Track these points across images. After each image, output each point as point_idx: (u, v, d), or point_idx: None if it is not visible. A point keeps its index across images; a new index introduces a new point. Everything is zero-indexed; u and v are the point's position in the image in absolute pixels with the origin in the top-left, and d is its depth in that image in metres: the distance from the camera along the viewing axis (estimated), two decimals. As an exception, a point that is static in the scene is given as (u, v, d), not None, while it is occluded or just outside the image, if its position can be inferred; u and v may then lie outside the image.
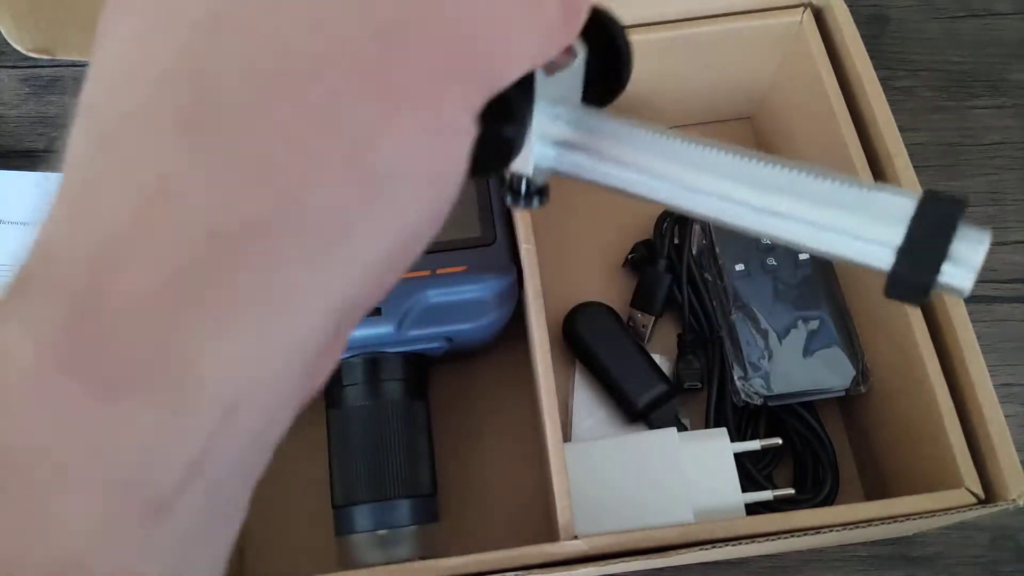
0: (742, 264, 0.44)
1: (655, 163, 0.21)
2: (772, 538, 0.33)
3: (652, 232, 0.48)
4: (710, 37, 0.45)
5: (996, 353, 0.48)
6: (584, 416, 0.45)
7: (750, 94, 0.51)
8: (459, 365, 0.46)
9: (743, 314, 0.43)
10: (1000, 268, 0.50)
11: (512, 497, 0.43)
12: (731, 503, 0.39)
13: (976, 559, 0.43)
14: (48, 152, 0.55)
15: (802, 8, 0.44)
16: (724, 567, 0.43)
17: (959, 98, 0.56)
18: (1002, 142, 0.54)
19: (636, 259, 0.48)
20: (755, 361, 0.42)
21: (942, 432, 0.35)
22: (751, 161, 0.20)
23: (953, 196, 0.18)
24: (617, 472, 0.39)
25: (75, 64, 0.57)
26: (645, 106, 0.50)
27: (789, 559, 0.43)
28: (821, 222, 0.20)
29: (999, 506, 0.33)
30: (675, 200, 0.21)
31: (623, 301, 0.48)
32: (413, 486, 0.39)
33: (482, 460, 0.44)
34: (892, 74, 0.56)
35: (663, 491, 0.39)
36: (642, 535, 0.33)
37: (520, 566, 0.32)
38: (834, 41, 0.43)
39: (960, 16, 0.58)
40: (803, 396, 0.42)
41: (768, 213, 0.20)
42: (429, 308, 0.40)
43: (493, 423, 0.45)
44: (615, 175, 0.21)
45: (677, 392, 0.44)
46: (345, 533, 0.39)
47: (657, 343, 0.47)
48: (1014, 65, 0.56)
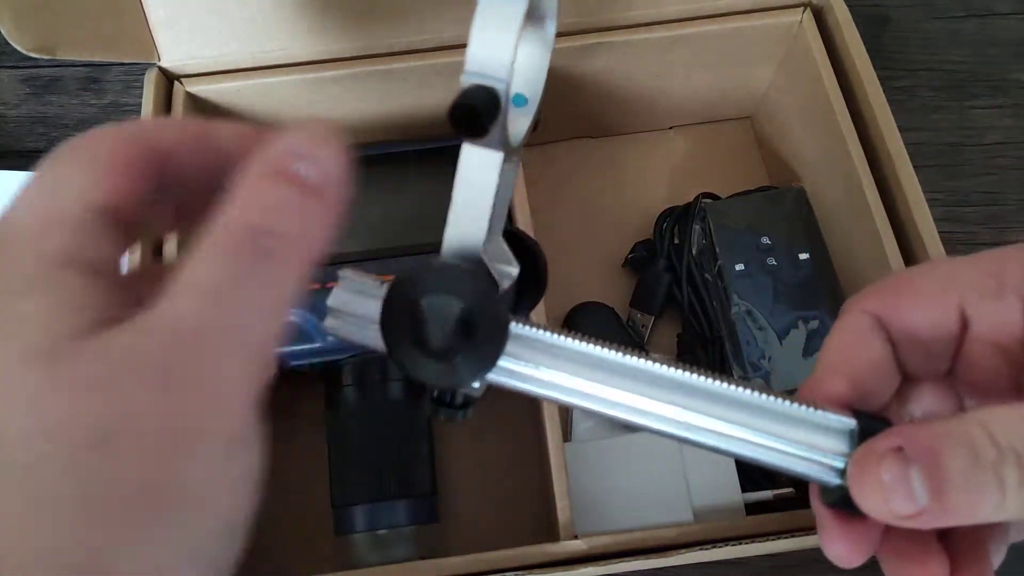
0: (742, 264, 0.44)
1: (576, 379, 0.22)
2: (772, 538, 0.33)
3: (652, 232, 0.48)
4: (710, 37, 0.45)
5: (996, 353, 0.48)
6: (584, 416, 0.45)
7: (750, 94, 0.51)
8: (459, 365, 0.46)
9: (743, 314, 0.43)
10: (1000, 268, 0.50)
11: (512, 497, 0.43)
12: (731, 503, 0.39)
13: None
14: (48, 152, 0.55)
15: (802, 8, 0.44)
16: (724, 567, 0.43)
17: (959, 98, 0.56)
18: (1002, 142, 0.54)
19: (636, 259, 0.48)
20: (755, 361, 0.42)
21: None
22: (687, 377, 0.21)
23: (883, 417, 0.21)
24: (617, 472, 0.39)
25: (75, 64, 0.57)
26: (645, 106, 0.51)
27: (789, 559, 0.43)
28: (758, 441, 0.21)
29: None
30: (589, 405, 0.22)
31: (623, 301, 0.48)
32: (412, 486, 0.39)
33: (482, 460, 0.44)
34: (892, 74, 0.56)
35: (663, 491, 0.39)
36: (642, 535, 0.33)
37: (520, 566, 0.32)
38: (834, 41, 0.43)
39: (960, 16, 0.58)
40: (803, 396, 0.42)
41: (704, 431, 0.21)
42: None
43: (493, 423, 0.45)
44: (544, 391, 0.22)
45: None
46: (345, 533, 0.39)
47: (657, 343, 0.47)
48: (1014, 65, 0.56)
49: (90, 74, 0.57)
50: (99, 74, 0.57)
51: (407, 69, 0.43)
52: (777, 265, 0.43)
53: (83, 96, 0.56)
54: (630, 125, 0.53)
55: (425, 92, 0.44)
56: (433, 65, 0.43)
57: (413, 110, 0.45)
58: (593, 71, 0.46)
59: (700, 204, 0.47)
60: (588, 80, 0.47)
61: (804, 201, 0.46)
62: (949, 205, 0.52)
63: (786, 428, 0.21)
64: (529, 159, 0.42)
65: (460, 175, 0.20)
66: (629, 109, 0.51)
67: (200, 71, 0.43)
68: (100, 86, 0.57)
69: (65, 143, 0.19)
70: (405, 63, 0.43)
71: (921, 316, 0.23)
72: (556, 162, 0.52)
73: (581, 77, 0.46)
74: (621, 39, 0.44)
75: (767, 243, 0.44)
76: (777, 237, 0.44)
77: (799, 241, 0.44)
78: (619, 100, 0.49)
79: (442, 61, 0.43)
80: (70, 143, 0.19)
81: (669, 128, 0.54)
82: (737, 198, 0.47)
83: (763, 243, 0.44)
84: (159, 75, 0.42)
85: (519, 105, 0.22)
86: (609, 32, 0.44)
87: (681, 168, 0.52)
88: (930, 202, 0.38)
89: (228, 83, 0.43)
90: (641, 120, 0.52)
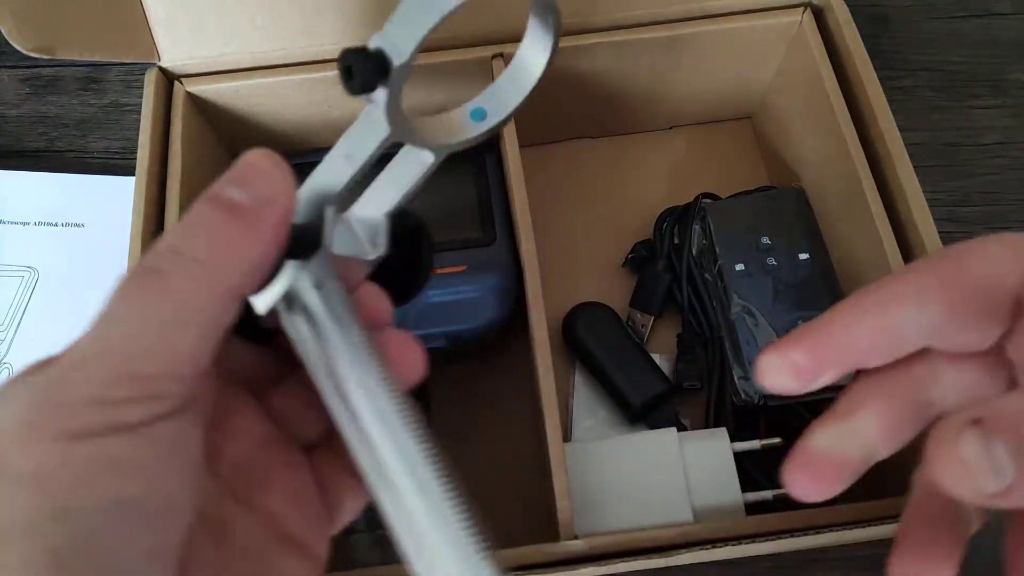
0: (742, 264, 0.44)
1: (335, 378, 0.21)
2: (772, 538, 0.33)
3: (652, 232, 0.48)
4: (710, 37, 0.45)
5: (996, 353, 0.48)
6: (584, 416, 0.45)
7: (750, 94, 0.51)
8: (459, 365, 0.46)
9: (743, 314, 0.43)
10: (1000, 268, 0.50)
11: (512, 497, 0.43)
12: (731, 503, 0.39)
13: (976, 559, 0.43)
14: (48, 152, 0.55)
15: (802, 8, 0.44)
16: (724, 567, 0.43)
17: (959, 98, 0.56)
18: (1002, 142, 0.54)
19: (636, 259, 0.48)
20: (755, 361, 0.42)
21: (942, 432, 0.35)
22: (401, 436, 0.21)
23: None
24: (617, 472, 0.39)
25: (75, 64, 0.57)
26: (645, 106, 0.51)
27: (789, 559, 0.43)
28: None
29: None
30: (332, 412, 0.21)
31: (623, 301, 0.48)
32: (413, 486, 0.39)
33: (482, 460, 0.44)
34: (892, 74, 0.56)
35: (663, 491, 0.39)
36: (642, 535, 0.33)
37: (520, 566, 0.32)
38: (834, 41, 0.43)
39: (960, 16, 0.58)
40: (803, 396, 0.42)
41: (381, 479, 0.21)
42: (429, 308, 0.40)
43: (493, 423, 0.45)
44: (312, 370, 0.22)
45: (677, 392, 0.44)
46: (345, 533, 0.39)
47: (657, 343, 0.47)
48: (1014, 65, 0.56)
49: (90, 74, 0.57)
50: (99, 74, 0.57)
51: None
52: (777, 265, 0.43)
53: (83, 96, 0.56)
54: (630, 125, 0.53)
55: (426, 92, 0.44)
56: (433, 64, 0.43)
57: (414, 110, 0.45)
58: (593, 71, 0.46)
59: (700, 204, 0.47)
60: (588, 80, 0.47)
61: (804, 201, 0.46)
62: (949, 205, 0.52)
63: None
64: (529, 159, 0.42)
65: (352, 127, 0.21)
66: (629, 109, 0.51)
67: (200, 71, 0.43)
68: (100, 86, 0.57)
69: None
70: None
71: (986, 272, 0.20)
72: (556, 162, 0.52)
73: (581, 77, 0.46)
74: (621, 39, 0.44)
75: (767, 243, 0.44)
76: (777, 237, 0.44)
77: (799, 241, 0.44)
78: (619, 100, 0.49)
79: (442, 60, 0.43)
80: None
81: (669, 128, 0.54)
82: (737, 198, 0.47)
83: (763, 243, 0.44)
84: (159, 75, 0.42)
85: (476, 119, 0.22)
86: (609, 32, 0.44)
87: (681, 168, 0.52)
88: (930, 202, 0.38)
89: (228, 83, 0.43)
90: (641, 120, 0.52)
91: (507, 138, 0.41)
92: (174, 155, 0.41)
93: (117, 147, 0.55)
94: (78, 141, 0.55)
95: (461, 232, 0.43)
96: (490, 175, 0.45)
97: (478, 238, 0.43)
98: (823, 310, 0.23)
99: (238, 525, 0.21)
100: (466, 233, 0.43)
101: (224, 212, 0.19)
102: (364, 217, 0.23)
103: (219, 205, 0.19)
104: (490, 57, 0.43)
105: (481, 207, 0.44)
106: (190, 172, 0.41)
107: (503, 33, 0.43)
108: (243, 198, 0.19)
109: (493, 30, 0.43)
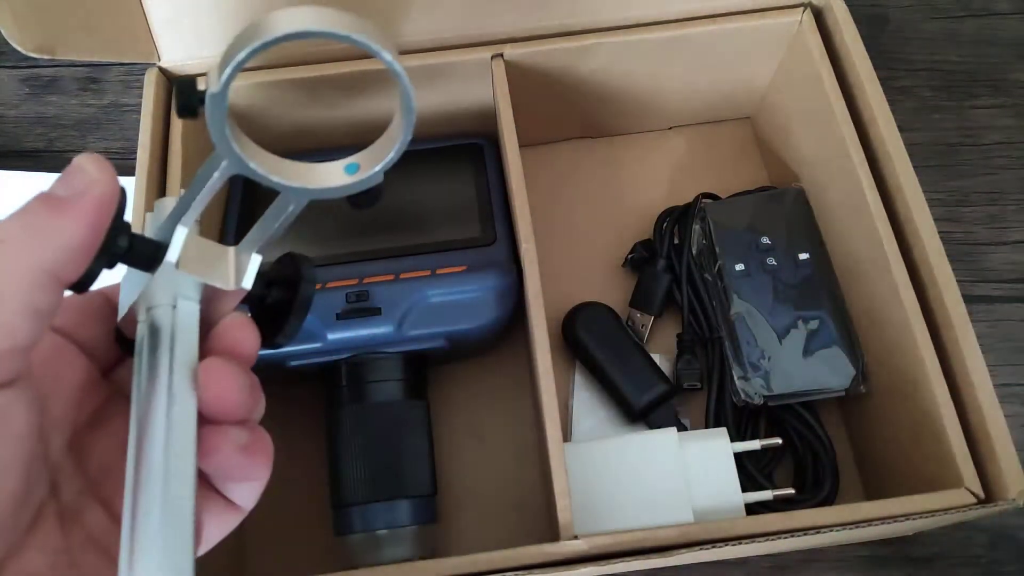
0: (742, 264, 0.44)
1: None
2: (772, 538, 0.33)
3: (652, 232, 0.48)
4: (710, 37, 0.45)
5: (996, 353, 0.48)
6: (584, 416, 0.45)
7: (750, 94, 0.51)
8: (459, 365, 0.46)
9: (743, 314, 0.43)
10: (1000, 268, 0.50)
11: (512, 497, 0.43)
12: (731, 503, 0.39)
13: (976, 559, 0.43)
14: (48, 152, 0.55)
15: (802, 8, 0.44)
16: (724, 567, 0.43)
17: (959, 98, 0.56)
18: (1002, 142, 0.54)
19: (636, 259, 0.48)
20: (755, 361, 0.42)
21: (942, 432, 0.35)
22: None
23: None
24: (617, 472, 0.39)
25: (74, 64, 0.57)
26: (645, 106, 0.51)
27: (789, 559, 0.43)
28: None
29: (999, 506, 0.33)
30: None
31: (623, 301, 0.48)
32: (413, 486, 0.39)
33: (482, 460, 0.44)
34: (892, 74, 0.56)
35: (663, 491, 0.39)
36: (642, 535, 0.33)
37: (520, 566, 0.32)
38: (834, 41, 0.43)
39: (960, 16, 0.58)
40: (803, 396, 0.42)
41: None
42: (429, 308, 0.40)
43: (493, 423, 0.45)
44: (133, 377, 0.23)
45: (677, 392, 0.44)
46: (345, 533, 0.39)
47: (657, 343, 0.47)
48: (1014, 65, 0.56)
49: (90, 74, 0.57)
50: (99, 74, 0.57)
51: (407, 69, 0.43)
52: (777, 265, 0.43)
53: (83, 96, 0.56)
54: (630, 125, 0.53)
55: (425, 92, 0.44)
56: (433, 65, 0.43)
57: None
58: (593, 71, 0.46)
59: (700, 204, 0.47)
60: (588, 80, 0.47)
61: (804, 201, 0.46)
62: (949, 205, 0.52)
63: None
64: (529, 159, 0.42)
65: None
66: (629, 109, 0.51)
67: (200, 71, 0.43)
68: (100, 86, 0.57)
69: None
70: (405, 63, 0.42)
71: None
72: (556, 162, 0.52)
73: (581, 77, 0.46)
74: (621, 39, 0.44)
75: (767, 243, 0.44)
76: (777, 237, 0.44)
77: (799, 241, 0.44)
78: (619, 100, 0.49)
79: (442, 61, 0.43)
80: None
81: (669, 128, 0.54)
82: (737, 198, 0.47)
83: (763, 243, 0.44)
84: (159, 75, 0.42)
85: (349, 172, 0.23)
86: (609, 32, 0.44)
87: (681, 168, 0.52)
88: (930, 202, 0.38)
89: (228, 83, 0.43)
90: (641, 120, 0.52)
91: (507, 138, 0.41)
92: (174, 155, 0.41)
93: (117, 147, 0.55)
94: (77, 141, 0.55)
95: (461, 232, 0.43)
96: (490, 175, 0.45)
97: (478, 238, 0.43)
98: (823, 310, 0.23)
99: (91, 519, 0.23)
100: (466, 233, 0.43)
101: (40, 203, 0.21)
102: (244, 251, 0.25)
103: (39, 198, 0.21)
104: (490, 57, 0.43)
105: (481, 207, 0.44)
106: (190, 173, 0.41)
107: (503, 33, 0.43)
108: (60, 190, 0.21)
109: (493, 31, 0.43)
